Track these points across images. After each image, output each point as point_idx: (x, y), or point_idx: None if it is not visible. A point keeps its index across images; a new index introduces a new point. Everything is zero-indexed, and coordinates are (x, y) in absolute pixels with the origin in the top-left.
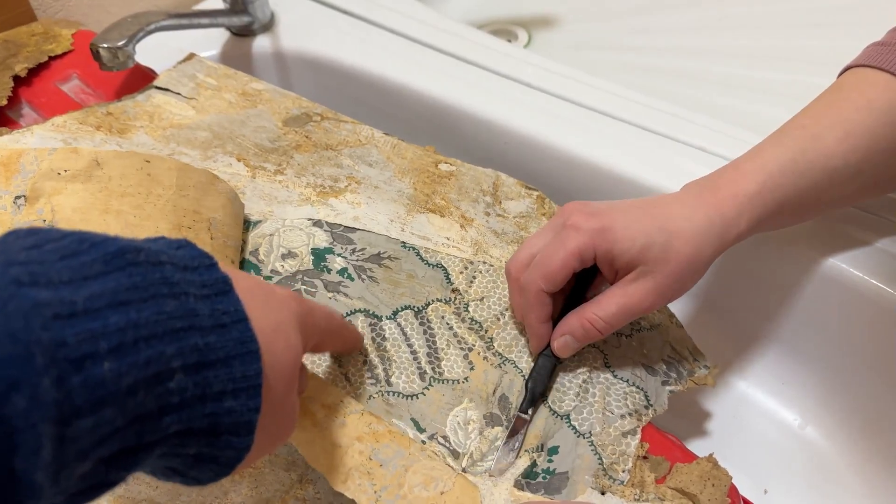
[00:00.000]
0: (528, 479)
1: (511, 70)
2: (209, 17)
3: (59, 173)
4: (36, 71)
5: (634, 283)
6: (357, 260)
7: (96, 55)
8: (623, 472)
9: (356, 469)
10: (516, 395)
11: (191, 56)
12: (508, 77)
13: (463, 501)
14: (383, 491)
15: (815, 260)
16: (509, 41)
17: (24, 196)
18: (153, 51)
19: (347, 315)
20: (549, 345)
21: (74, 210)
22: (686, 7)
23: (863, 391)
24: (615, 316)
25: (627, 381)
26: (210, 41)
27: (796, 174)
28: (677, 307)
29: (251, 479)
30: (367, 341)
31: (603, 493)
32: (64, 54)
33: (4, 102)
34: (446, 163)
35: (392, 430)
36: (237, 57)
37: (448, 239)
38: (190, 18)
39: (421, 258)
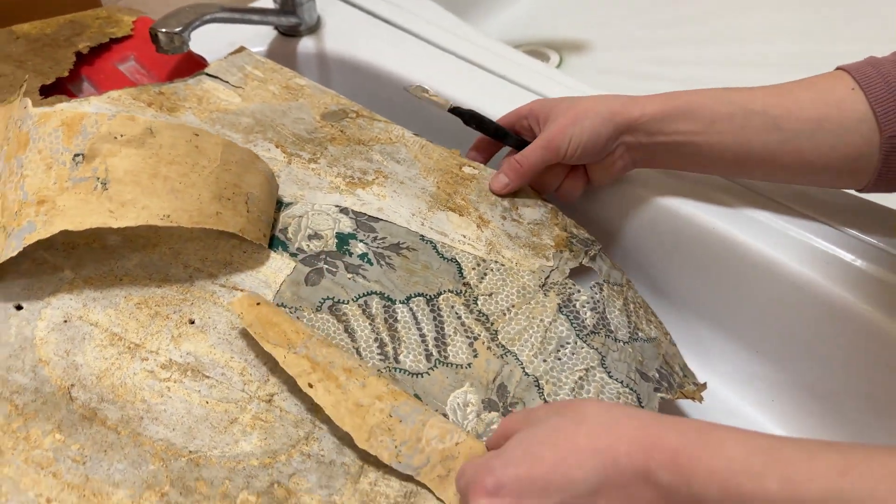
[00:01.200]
0: None
1: (540, 87)
2: (260, 15)
3: (115, 137)
4: (97, 51)
5: (545, 130)
6: (378, 247)
7: (154, 38)
8: None
9: (378, 426)
10: (514, 385)
11: (241, 49)
12: (537, 93)
13: (476, 450)
14: (403, 445)
15: (817, 287)
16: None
17: (82, 154)
18: (207, 42)
19: (363, 296)
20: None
21: (126, 172)
22: (709, 43)
23: (852, 415)
24: (531, 151)
25: (622, 382)
26: (259, 38)
27: (715, 98)
28: (680, 320)
29: (261, 431)
30: (379, 322)
31: None
32: (124, 38)
33: (66, 74)
34: (470, 166)
35: (407, 392)
36: (283, 55)
37: (464, 237)
38: (242, 14)
39: (437, 252)
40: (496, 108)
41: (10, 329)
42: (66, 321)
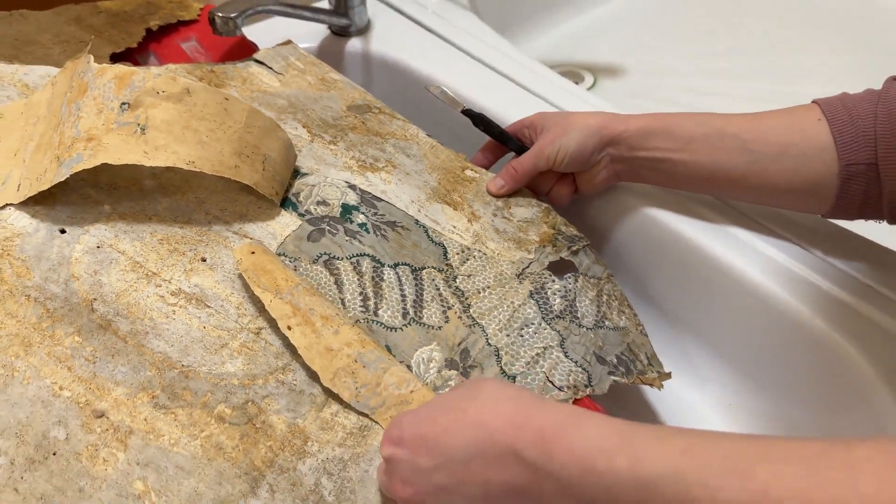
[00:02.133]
0: None
1: (567, 105)
2: (312, 13)
3: (158, 92)
4: (165, 31)
5: (539, 139)
6: (376, 221)
7: (212, 21)
8: None
9: (343, 369)
10: (477, 351)
11: (288, 42)
12: (563, 110)
13: (428, 399)
14: (363, 388)
15: (781, 302)
16: (576, 83)
17: (128, 103)
18: (265, 34)
19: (356, 256)
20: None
21: (163, 121)
22: (743, 79)
23: (802, 423)
24: (525, 158)
25: (576, 362)
26: (313, 36)
27: (693, 120)
28: (657, 319)
29: (246, 357)
30: (367, 279)
31: None
32: (190, 21)
33: (135, 45)
34: (471, 170)
35: (376, 341)
36: (332, 53)
37: (454, 227)
38: (294, 9)
39: (427, 235)
40: (516, 117)
41: (53, 248)
42: (98, 247)
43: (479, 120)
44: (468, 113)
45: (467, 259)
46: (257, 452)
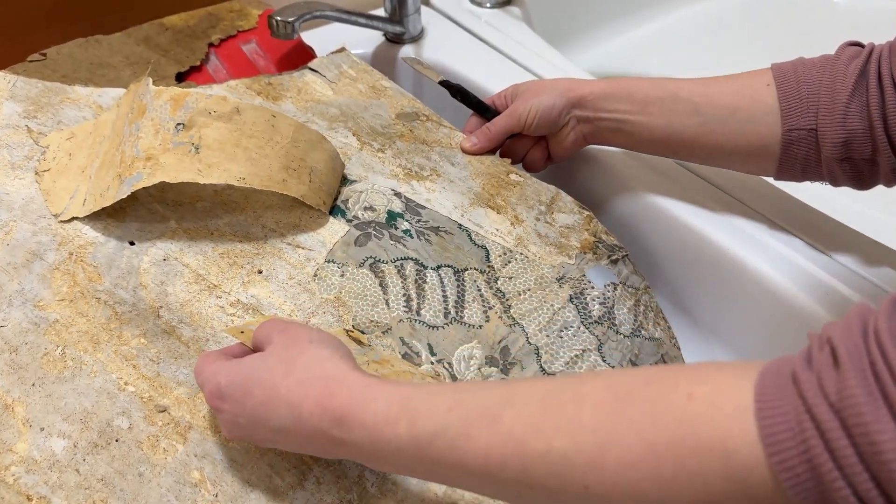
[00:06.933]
0: None
1: None
2: (367, 19)
3: (209, 112)
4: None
5: (510, 106)
6: (420, 227)
7: (270, 24)
8: None
9: None
10: (517, 349)
11: (342, 49)
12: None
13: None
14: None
15: (823, 320)
16: None
17: (182, 124)
18: (323, 40)
19: (400, 259)
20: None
21: (215, 140)
22: None
23: None
24: (499, 119)
25: (613, 366)
26: (368, 42)
27: (651, 84)
28: (689, 333)
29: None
30: (410, 281)
31: None
32: (249, 29)
33: (198, 63)
34: (516, 174)
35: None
36: (386, 59)
37: (497, 230)
38: (350, 15)
39: (470, 238)
40: None
41: (123, 258)
42: (165, 259)
43: (457, 91)
44: (445, 84)
45: (509, 261)
46: None
